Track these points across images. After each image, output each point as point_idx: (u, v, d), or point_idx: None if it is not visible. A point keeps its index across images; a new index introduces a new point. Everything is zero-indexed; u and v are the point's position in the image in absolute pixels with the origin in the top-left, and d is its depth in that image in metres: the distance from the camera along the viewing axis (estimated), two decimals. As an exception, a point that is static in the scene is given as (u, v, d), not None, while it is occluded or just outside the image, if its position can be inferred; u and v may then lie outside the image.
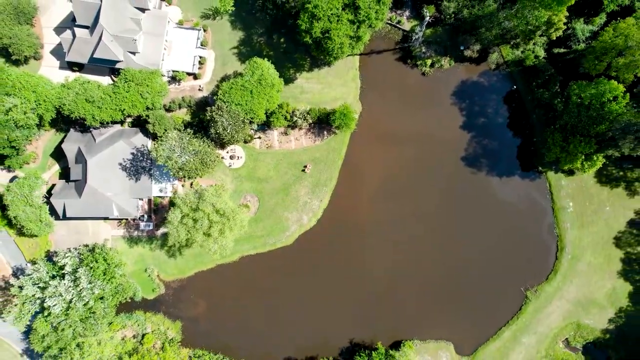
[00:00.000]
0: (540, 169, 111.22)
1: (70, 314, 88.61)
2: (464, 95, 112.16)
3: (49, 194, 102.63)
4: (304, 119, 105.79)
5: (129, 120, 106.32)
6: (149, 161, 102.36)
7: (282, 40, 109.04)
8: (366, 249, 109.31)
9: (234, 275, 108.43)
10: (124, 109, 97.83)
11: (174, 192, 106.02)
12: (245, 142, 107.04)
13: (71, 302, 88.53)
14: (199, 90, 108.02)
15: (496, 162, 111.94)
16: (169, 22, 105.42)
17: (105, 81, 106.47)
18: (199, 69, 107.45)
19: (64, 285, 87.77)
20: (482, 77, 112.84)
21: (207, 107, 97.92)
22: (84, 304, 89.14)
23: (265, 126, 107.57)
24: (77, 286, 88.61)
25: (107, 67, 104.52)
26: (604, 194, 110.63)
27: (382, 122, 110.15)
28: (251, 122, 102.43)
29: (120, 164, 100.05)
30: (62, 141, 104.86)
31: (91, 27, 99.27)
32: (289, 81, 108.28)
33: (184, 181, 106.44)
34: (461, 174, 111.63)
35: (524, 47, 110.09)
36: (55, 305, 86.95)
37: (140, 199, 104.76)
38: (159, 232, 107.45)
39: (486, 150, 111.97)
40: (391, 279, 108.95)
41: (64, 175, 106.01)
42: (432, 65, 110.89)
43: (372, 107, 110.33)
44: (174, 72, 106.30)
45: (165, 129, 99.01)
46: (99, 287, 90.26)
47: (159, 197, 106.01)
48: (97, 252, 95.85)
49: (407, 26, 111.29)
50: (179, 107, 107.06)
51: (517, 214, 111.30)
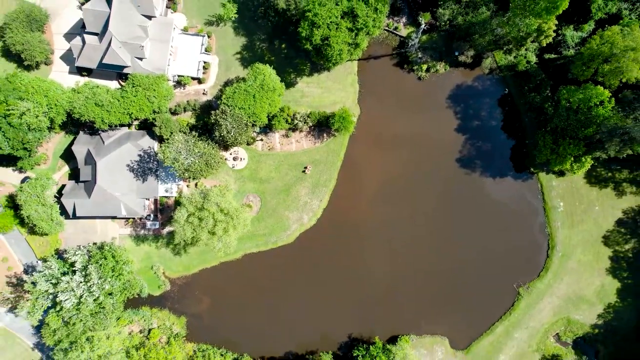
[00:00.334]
0: (532, 170, 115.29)
1: (81, 309, 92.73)
2: (459, 99, 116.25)
3: (59, 194, 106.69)
4: (305, 122, 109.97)
5: (136, 123, 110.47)
6: (155, 162, 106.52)
7: (283, 46, 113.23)
8: (364, 248, 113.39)
9: (237, 272, 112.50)
10: (132, 113, 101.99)
11: (179, 192, 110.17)
12: (247, 144, 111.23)
13: (82, 297, 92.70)
14: (203, 94, 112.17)
15: (490, 163, 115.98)
16: (174, 28, 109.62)
17: (112, 85, 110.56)
18: (203, 73, 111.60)
19: (76, 280, 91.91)
20: (476, 82, 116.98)
21: (212, 111, 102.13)
22: (94, 299, 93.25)
23: (267, 129, 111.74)
24: (88, 282, 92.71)
25: (114, 71, 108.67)
26: (593, 194, 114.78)
27: (380, 125, 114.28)
28: (254, 125, 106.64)
29: (127, 165, 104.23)
30: (71, 143, 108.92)
31: (100, 34, 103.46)
32: (290, 85, 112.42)
33: (189, 182, 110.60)
34: (456, 175, 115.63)
35: (516, 53, 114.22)
36: (67, 299, 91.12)
37: (146, 199, 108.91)
38: (165, 231, 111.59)
39: (480, 152, 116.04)
40: (388, 276, 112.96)
41: (74, 176, 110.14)
42: (428, 70, 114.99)
43: (370, 110, 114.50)
44: (179, 76, 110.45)
45: (171, 132, 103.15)
46: (109, 282, 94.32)
47: (165, 197, 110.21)
48: (106, 249, 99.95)
49: (403, 32, 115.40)
50: (184, 111, 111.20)
51: (509, 214, 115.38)
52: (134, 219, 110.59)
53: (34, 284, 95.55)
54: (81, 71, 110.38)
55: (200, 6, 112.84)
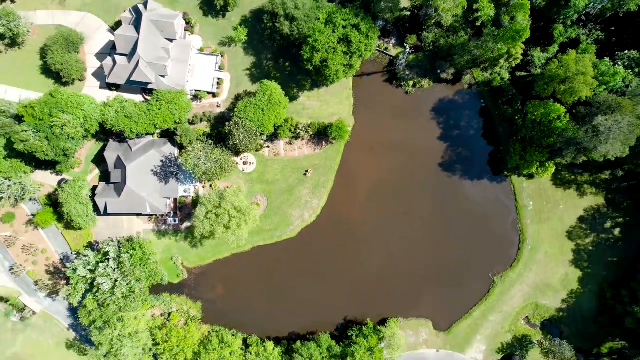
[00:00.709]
0: (505, 173, 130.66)
1: (115, 292, 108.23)
2: (442, 111, 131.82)
3: (92, 193, 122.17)
4: (306, 131, 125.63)
5: (158, 132, 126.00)
6: (175, 167, 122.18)
7: (287, 64, 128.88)
8: (358, 241, 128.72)
9: (246, 263, 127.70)
10: (157, 123, 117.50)
11: (195, 193, 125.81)
12: (256, 150, 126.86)
13: (116, 281, 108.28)
14: (217, 106, 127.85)
15: (469, 167, 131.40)
16: (192, 49, 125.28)
17: (137, 98, 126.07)
18: (217, 88, 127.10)
19: (111, 267, 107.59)
20: (456, 96, 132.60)
21: (226, 122, 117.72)
22: (127, 283, 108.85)
23: (273, 137, 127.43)
24: (122, 268, 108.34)
25: (140, 87, 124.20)
26: (558, 195, 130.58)
27: (372, 134, 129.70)
28: (262, 134, 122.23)
29: (152, 169, 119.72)
30: (102, 149, 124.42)
31: (129, 55, 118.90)
32: (293, 99, 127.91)
33: (204, 183, 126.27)
34: (439, 178, 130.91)
35: (492, 71, 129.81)
36: (104, 283, 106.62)
37: (168, 198, 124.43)
38: (183, 226, 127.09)
39: (460, 157, 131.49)
40: (379, 266, 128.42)
41: (104, 178, 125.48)
42: (414, 85, 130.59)
43: (363, 121, 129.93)
44: (196, 91, 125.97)
45: (190, 140, 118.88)
46: (139, 269, 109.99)
47: (183, 196, 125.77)
48: (135, 242, 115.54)
49: (393, 52, 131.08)
50: (200, 121, 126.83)
51: (486, 212, 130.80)
52: (156, 215, 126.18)
53: (74, 270, 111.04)
54: (110, 86, 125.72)
55: (214, 29, 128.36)
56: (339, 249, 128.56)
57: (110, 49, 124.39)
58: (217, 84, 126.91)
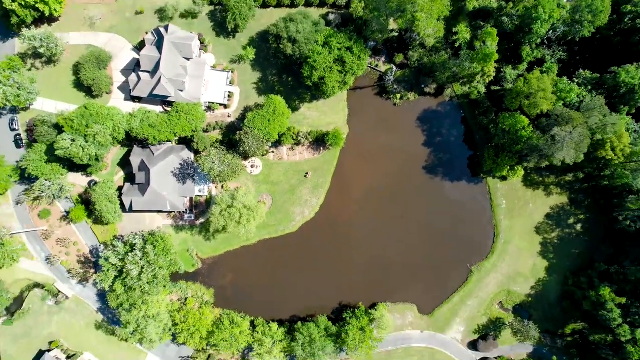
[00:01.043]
0: (482, 175, 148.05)
1: (142, 277, 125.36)
2: (426, 120, 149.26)
3: (119, 193, 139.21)
4: (306, 139, 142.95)
5: (176, 139, 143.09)
6: (192, 169, 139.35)
7: (290, 79, 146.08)
8: (352, 235, 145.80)
9: (254, 254, 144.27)
10: (176, 132, 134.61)
11: (209, 192, 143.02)
12: (262, 155, 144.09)
13: (143, 268, 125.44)
14: (228, 117, 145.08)
15: (450, 170, 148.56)
16: (206, 66, 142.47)
17: (157, 109, 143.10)
18: (228, 101, 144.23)
19: (138, 256, 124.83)
20: (439, 107, 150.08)
21: (237, 131, 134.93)
22: (152, 270, 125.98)
23: (277, 143, 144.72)
24: (147, 257, 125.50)
25: (160, 99, 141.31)
26: (528, 195, 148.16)
27: (364, 141, 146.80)
28: (267, 141, 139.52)
29: (171, 172, 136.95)
30: (126, 154, 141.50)
31: (152, 72, 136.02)
32: (295, 110, 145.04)
33: (217, 184, 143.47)
34: (424, 180, 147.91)
35: (470, 85, 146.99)
36: (133, 269, 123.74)
37: (185, 197, 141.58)
38: (198, 222, 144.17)
39: (442, 161, 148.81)
40: (370, 256, 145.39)
41: (129, 179, 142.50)
42: (401, 98, 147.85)
43: (356, 129, 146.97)
44: (210, 103, 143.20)
45: (205, 146, 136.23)
46: (162, 258, 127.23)
47: (199, 195, 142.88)
48: (157, 235, 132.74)
49: (382, 69, 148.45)
50: (213, 129, 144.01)
51: (465, 209, 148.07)
52: (174, 212, 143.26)
53: (106, 259, 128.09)
54: (134, 99, 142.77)
55: (226, 49, 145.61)
56: (335, 241, 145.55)
57: (134, 66, 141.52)
58: (228, 96, 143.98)
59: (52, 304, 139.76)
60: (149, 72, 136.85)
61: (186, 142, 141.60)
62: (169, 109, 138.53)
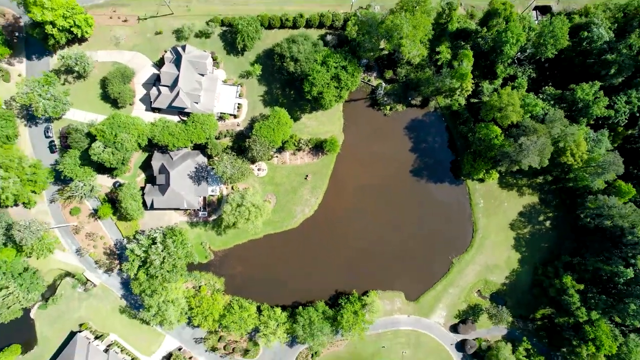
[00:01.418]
0: (462, 178, 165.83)
1: (163, 266, 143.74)
2: (412, 129, 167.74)
3: (142, 193, 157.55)
4: (306, 145, 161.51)
5: (191, 145, 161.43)
6: (205, 172, 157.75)
7: (292, 93, 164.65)
8: (347, 230, 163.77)
9: (260, 247, 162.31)
10: (192, 139, 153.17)
11: (220, 192, 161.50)
12: (268, 159, 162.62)
13: (164, 258, 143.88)
14: (237, 126, 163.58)
15: (434, 173, 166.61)
16: (218, 81, 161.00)
17: (174, 119, 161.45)
18: (238, 111, 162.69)
19: (160, 247, 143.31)
20: (424, 117, 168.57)
21: (246, 139, 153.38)
22: (172, 260, 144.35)
23: (281, 149, 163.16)
24: (168, 249, 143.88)
25: (177, 110, 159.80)
26: (503, 195, 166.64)
27: (358, 147, 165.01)
28: (272, 147, 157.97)
29: (188, 174, 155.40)
30: (147, 158, 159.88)
31: (171, 87, 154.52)
32: (296, 120, 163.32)
33: (228, 185, 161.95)
34: (411, 181, 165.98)
35: (452, 98, 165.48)
36: (155, 259, 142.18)
37: (199, 197, 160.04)
38: (211, 218, 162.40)
39: (427, 165, 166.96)
40: (363, 249, 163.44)
41: (149, 180, 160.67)
42: (391, 109, 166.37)
43: (351, 137, 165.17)
44: (221, 114, 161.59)
45: (217, 152, 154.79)
46: (180, 250, 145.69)
47: (211, 195, 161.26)
48: (175, 230, 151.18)
49: (374, 83, 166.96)
50: (224, 137, 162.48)
51: (447, 208, 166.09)
52: (189, 210, 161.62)
53: (132, 250, 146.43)
54: (154, 110, 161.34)
55: (235, 65, 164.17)
56: (331, 236, 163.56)
57: (154, 80, 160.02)
58: (238, 108, 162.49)
59: (82, 291, 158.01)
60: (168, 86, 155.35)
61: (200, 148, 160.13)
62: (185, 119, 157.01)
